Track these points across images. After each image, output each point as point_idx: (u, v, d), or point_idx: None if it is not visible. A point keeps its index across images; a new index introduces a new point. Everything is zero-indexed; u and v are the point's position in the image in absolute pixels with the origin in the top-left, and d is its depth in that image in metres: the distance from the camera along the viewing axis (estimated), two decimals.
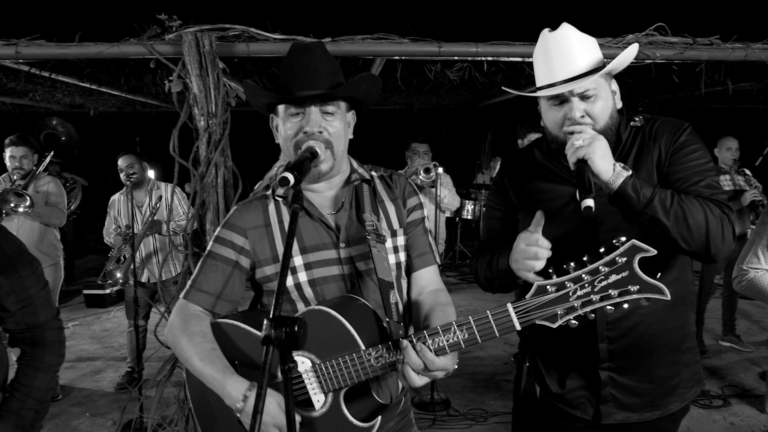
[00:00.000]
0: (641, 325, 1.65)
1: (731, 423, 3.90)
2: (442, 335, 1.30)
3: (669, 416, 1.74)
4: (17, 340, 1.77)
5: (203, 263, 1.60)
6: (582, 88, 1.56)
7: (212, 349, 1.48)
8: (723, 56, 3.48)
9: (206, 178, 3.10)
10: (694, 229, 1.48)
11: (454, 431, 3.77)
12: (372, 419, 1.40)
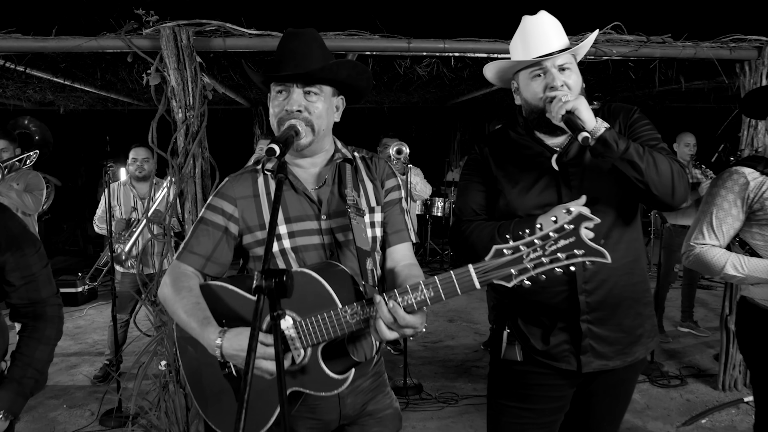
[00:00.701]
0: (612, 278, 1.82)
1: (687, 399, 4.13)
2: (411, 293, 1.42)
3: (632, 366, 1.93)
4: (20, 314, 1.86)
5: (195, 228, 1.71)
6: (561, 60, 1.77)
7: (196, 303, 1.59)
8: (674, 53, 3.71)
9: (184, 169, 3.19)
10: (663, 174, 1.69)
11: (426, 413, 3.91)
12: (345, 373, 1.53)
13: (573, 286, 1.81)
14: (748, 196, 2.24)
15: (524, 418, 1.94)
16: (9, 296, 1.82)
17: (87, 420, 3.88)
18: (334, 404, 1.70)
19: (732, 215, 2.27)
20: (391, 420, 1.78)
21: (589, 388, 1.95)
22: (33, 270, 1.82)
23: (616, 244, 1.84)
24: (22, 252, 1.80)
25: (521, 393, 1.94)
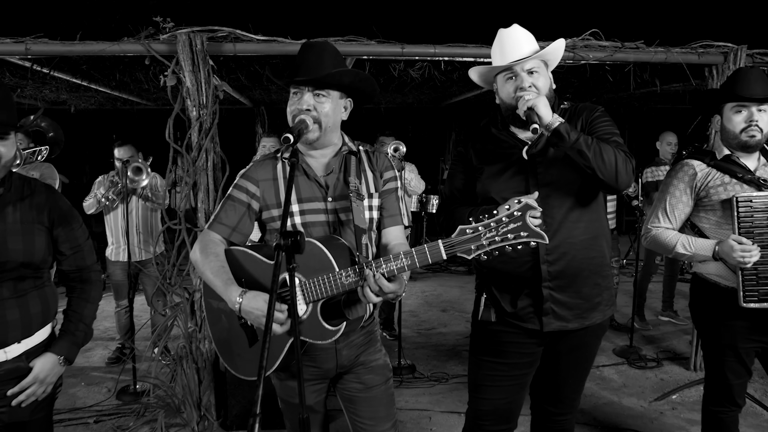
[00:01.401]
0: (571, 251, 2.13)
1: (661, 379, 4.45)
2: (393, 261, 1.74)
3: (592, 331, 2.25)
4: (69, 279, 2.17)
5: (224, 203, 2.03)
6: (529, 65, 2.10)
7: (221, 266, 1.91)
8: (647, 58, 4.03)
9: (198, 162, 3.50)
10: (607, 162, 1.99)
11: (419, 389, 4.23)
12: (338, 326, 1.85)
13: (536, 258, 2.12)
14: (696, 185, 2.56)
15: (498, 371, 2.26)
16: (61, 264, 2.13)
17: (104, 396, 4.19)
18: (332, 355, 2.01)
19: (683, 202, 2.59)
20: (381, 369, 2.10)
21: (556, 348, 2.27)
22: (79, 241, 2.14)
23: (575, 223, 2.15)
24: (71, 226, 2.11)
25: (496, 349, 2.25)
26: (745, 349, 2.54)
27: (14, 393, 1.97)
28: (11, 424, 2.00)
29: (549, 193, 2.12)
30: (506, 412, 2.30)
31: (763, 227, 2.40)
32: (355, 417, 2.08)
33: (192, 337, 3.61)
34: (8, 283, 1.96)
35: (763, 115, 2.46)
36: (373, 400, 2.07)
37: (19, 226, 1.98)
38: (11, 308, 1.96)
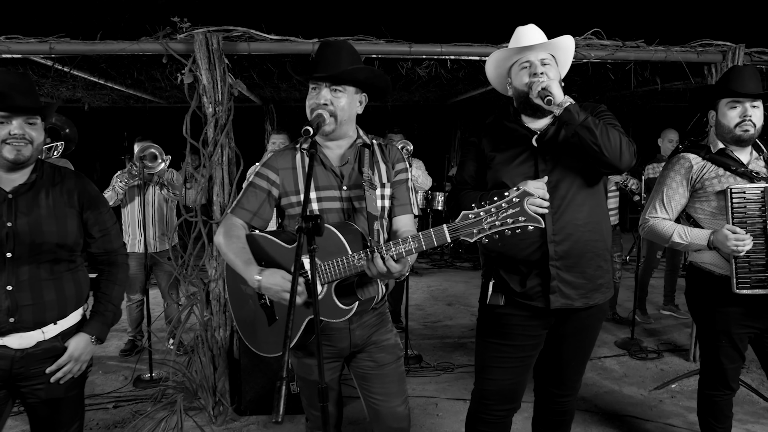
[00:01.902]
0: (576, 233, 2.27)
1: (661, 369, 4.57)
2: (401, 245, 1.86)
3: (594, 314, 2.39)
4: (97, 262, 2.31)
5: (246, 190, 2.17)
6: (542, 55, 2.27)
7: (242, 248, 2.06)
8: (647, 57, 4.15)
9: (213, 157, 3.64)
10: (612, 141, 2.13)
11: (425, 378, 4.36)
12: (351, 305, 1.98)
13: (544, 239, 2.25)
14: (692, 177, 2.69)
15: (504, 353, 2.38)
16: (90, 246, 2.26)
17: (121, 383, 4.34)
18: (346, 334, 2.15)
19: (679, 193, 2.72)
20: (392, 348, 2.23)
21: (560, 330, 2.40)
22: (107, 225, 2.28)
23: (580, 206, 2.29)
24: (99, 210, 2.25)
25: (502, 332, 2.38)
26: (739, 335, 2.66)
27: (52, 371, 2.11)
28: (48, 400, 2.14)
29: (556, 178, 2.26)
30: (511, 392, 2.42)
31: (755, 217, 2.52)
32: (368, 393, 2.22)
33: (207, 325, 3.75)
34: (45, 265, 2.10)
35: (756, 110, 2.58)
36: (385, 377, 2.20)
37: (52, 210, 2.12)
38: (48, 289, 2.10)
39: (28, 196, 2.10)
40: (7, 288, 2.03)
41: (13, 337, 2.06)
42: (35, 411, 2.17)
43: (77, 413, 2.27)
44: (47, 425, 2.18)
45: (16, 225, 2.05)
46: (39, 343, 2.10)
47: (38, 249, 2.07)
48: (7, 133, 2.01)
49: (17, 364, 2.07)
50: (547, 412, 2.60)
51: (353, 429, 3.53)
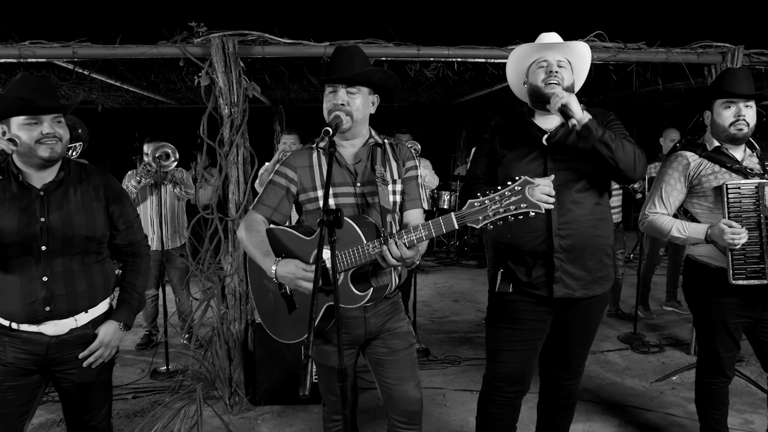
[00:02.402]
0: (580, 229, 2.41)
1: (662, 362, 4.69)
2: (413, 232, 2.00)
3: (595, 302, 2.53)
4: (121, 253, 2.45)
5: (266, 187, 2.31)
6: (559, 56, 2.42)
7: (262, 241, 2.20)
8: (648, 58, 4.27)
9: (229, 156, 3.78)
10: (627, 154, 2.28)
11: (433, 371, 4.50)
12: (365, 292, 2.11)
13: (550, 232, 2.40)
14: (689, 174, 2.81)
15: (513, 337, 2.53)
16: (115, 238, 2.40)
17: (138, 375, 4.49)
18: (361, 322, 2.29)
19: (677, 189, 2.84)
20: (405, 335, 2.36)
21: (564, 317, 2.54)
22: (130, 218, 2.42)
23: (585, 204, 2.43)
24: (123, 204, 2.39)
25: (511, 317, 2.53)
26: (734, 324, 2.78)
27: (84, 356, 2.26)
28: (80, 383, 2.28)
29: (564, 177, 2.40)
30: (520, 375, 2.57)
31: (749, 212, 2.64)
32: (383, 378, 2.35)
33: (223, 318, 3.89)
34: (77, 257, 2.24)
35: (750, 110, 2.71)
36: (398, 363, 2.33)
37: (81, 204, 2.26)
38: (80, 280, 2.24)
39: (58, 193, 2.24)
40: (43, 279, 2.17)
41: (49, 324, 2.20)
42: (69, 394, 2.31)
43: (107, 396, 2.41)
44: (80, 408, 2.32)
45: (49, 220, 2.18)
46: (72, 330, 2.24)
47: (70, 242, 2.21)
48: (39, 133, 2.14)
49: (52, 349, 2.21)
50: (552, 396, 2.73)
51: (366, 417, 3.67)
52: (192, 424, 3.42)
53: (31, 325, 2.17)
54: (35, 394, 2.27)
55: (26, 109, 2.12)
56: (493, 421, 2.65)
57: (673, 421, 3.65)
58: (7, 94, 2.14)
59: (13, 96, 2.11)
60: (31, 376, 2.23)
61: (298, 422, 3.67)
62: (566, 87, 2.40)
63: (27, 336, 2.18)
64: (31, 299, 2.15)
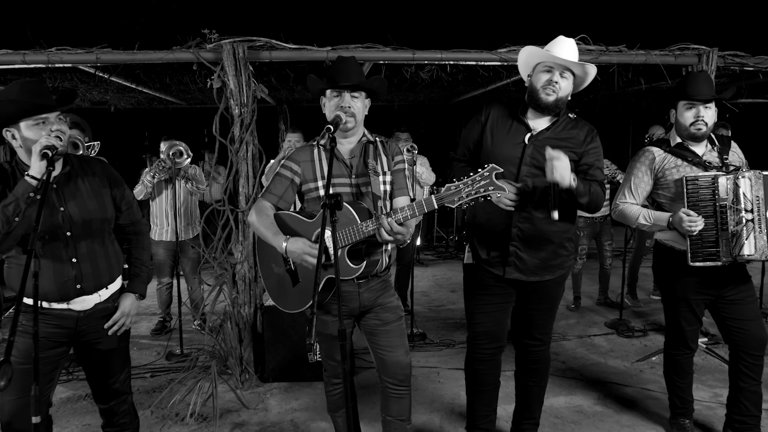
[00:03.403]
0: (537, 222, 2.74)
1: (645, 345, 5.00)
2: (400, 212, 2.33)
3: (553, 281, 2.87)
4: (126, 232, 2.74)
5: (274, 179, 2.66)
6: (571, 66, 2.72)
7: (271, 223, 2.56)
8: (629, 60, 4.57)
9: (239, 153, 4.10)
10: (594, 204, 2.70)
11: (429, 353, 4.83)
12: (359, 265, 2.45)
13: (510, 222, 2.73)
14: (655, 167, 3.12)
15: (484, 301, 2.90)
16: (119, 219, 2.67)
17: (155, 357, 4.82)
18: (356, 297, 2.62)
19: (644, 181, 3.15)
20: (394, 309, 2.70)
21: (524, 291, 2.88)
22: (130, 199, 2.72)
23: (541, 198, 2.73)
24: (123, 188, 2.68)
25: (481, 285, 2.90)
26: (695, 301, 3.10)
27: (109, 325, 2.56)
28: (105, 350, 2.58)
29: (533, 174, 2.71)
30: (495, 333, 2.94)
31: (706, 201, 2.95)
32: (376, 346, 2.68)
33: (234, 302, 4.22)
34: (97, 239, 2.53)
35: (709, 111, 3.01)
36: (389, 333, 2.66)
37: (91, 191, 2.53)
38: (101, 258, 2.54)
39: (69, 184, 2.50)
40: (72, 260, 2.45)
41: (77, 301, 2.48)
42: (94, 361, 2.60)
43: (126, 362, 2.72)
44: (104, 373, 2.62)
45: (67, 208, 2.45)
46: (96, 305, 2.54)
47: (89, 225, 2.49)
48: (48, 130, 2.32)
49: (81, 323, 2.50)
50: (524, 361, 3.07)
51: (365, 392, 3.99)
52: (207, 397, 3.75)
53: (62, 303, 2.45)
54: (58, 365, 2.54)
55: (36, 109, 2.33)
56: (480, 375, 3.03)
57: (648, 395, 3.96)
58: (15, 99, 2.32)
59: (21, 100, 2.32)
60: (58, 348, 2.50)
61: (303, 396, 4.00)
62: (561, 96, 2.71)
63: (58, 313, 2.45)
64: (64, 279, 2.43)
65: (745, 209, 2.86)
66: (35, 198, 2.23)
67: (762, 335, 3.06)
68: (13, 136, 2.36)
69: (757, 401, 3.13)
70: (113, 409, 2.67)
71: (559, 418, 3.65)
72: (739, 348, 3.08)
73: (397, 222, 2.32)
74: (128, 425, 2.72)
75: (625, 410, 3.75)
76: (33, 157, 2.22)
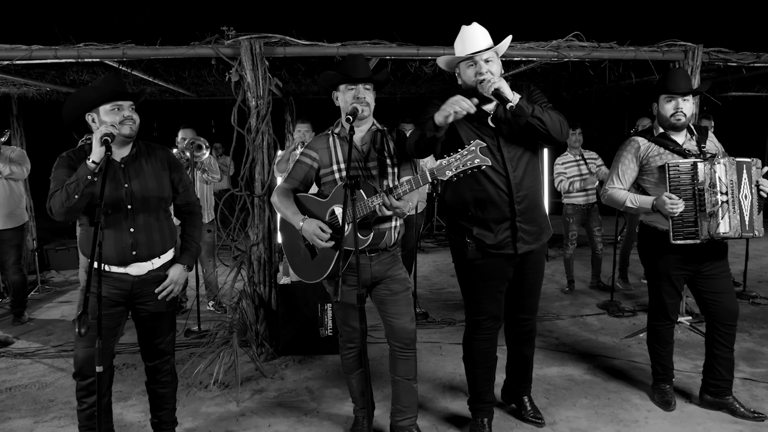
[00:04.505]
0: (529, 194, 3.00)
1: (634, 324, 5.33)
2: (399, 187, 2.65)
3: (542, 250, 3.18)
4: (182, 212, 3.09)
5: (295, 165, 3.02)
6: (486, 55, 2.87)
7: (291, 203, 2.92)
8: (619, 56, 4.88)
9: (255, 141, 4.40)
10: (555, 121, 2.81)
11: (431, 330, 5.16)
12: (368, 236, 2.80)
13: (512, 200, 2.97)
14: (640, 155, 3.44)
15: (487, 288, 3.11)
16: (176, 199, 3.03)
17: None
18: (368, 269, 2.94)
19: (630, 168, 3.47)
20: (402, 280, 3.03)
21: (521, 269, 3.14)
22: (187, 183, 3.06)
23: (530, 173, 3.00)
24: (181, 172, 3.02)
25: (483, 275, 3.09)
26: (676, 276, 3.42)
27: (159, 290, 2.89)
28: (155, 313, 2.92)
29: (514, 150, 2.94)
30: (497, 312, 3.17)
31: (686, 185, 3.26)
32: (385, 314, 3.01)
33: (251, 281, 4.53)
34: (154, 214, 2.87)
35: (687, 104, 3.32)
36: (397, 302, 2.99)
37: (152, 172, 2.88)
38: (155, 231, 2.87)
39: (134, 164, 2.85)
40: (130, 230, 2.79)
41: (133, 266, 2.83)
42: (144, 322, 2.94)
43: (172, 326, 3.05)
44: (153, 333, 2.96)
45: (130, 185, 2.80)
46: (149, 271, 2.87)
47: (147, 201, 2.84)
48: (122, 116, 2.71)
49: (135, 286, 2.84)
50: (517, 334, 3.37)
51: (372, 363, 4.31)
52: (228, 367, 4.07)
53: (120, 267, 2.80)
54: (120, 322, 2.90)
55: (114, 97, 2.70)
56: (485, 354, 3.26)
57: (634, 366, 4.30)
58: (97, 87, 2.73)
59: (103, 87, 2.71)
60: (117, 307, 2.85)
61: (315, 367, 4.33)
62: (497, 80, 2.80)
63: (117, 276, 2.80)
64: (123, 245, 2.78)
65: (720, 192, 3.17)
66: (93, 180, 2.56)
67: (734, 307, 3.39)
68: (93, 120, 2.73)
69: (730, 367, 3.46)
70: (157, 367, 3.00)
71: (552, 385, 3.98)
72: (714, 319, 3.41)
73: (396, 197, 2.64)
74: (169, 384, 3.07)
75: (613, 379, 4.09)
76: (94, 143, 2.55)
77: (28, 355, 4.72)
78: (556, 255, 8.75)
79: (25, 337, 5.21)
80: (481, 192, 2.94)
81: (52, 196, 2.67)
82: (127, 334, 4.85)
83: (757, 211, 3.23)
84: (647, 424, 3.42)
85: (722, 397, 3.49)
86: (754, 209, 3.21)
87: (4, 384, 4.13)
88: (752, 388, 3.89)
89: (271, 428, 3.44)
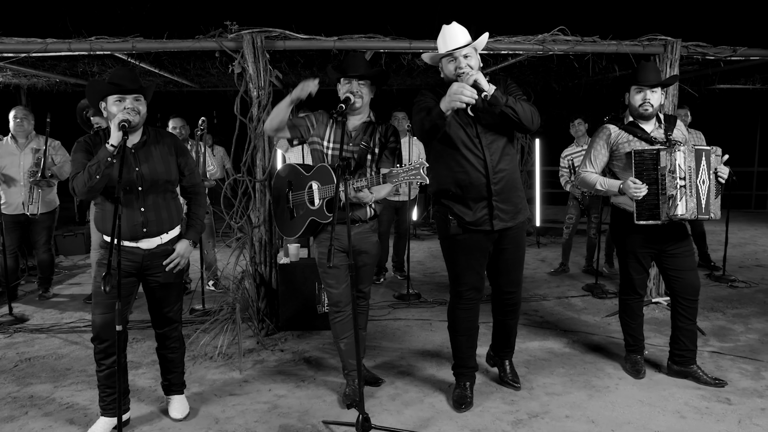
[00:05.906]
0: (506, 176, 3.28)
1: (615, 304, 5.55)
2: (357, 182, 3.04)
3: (519, 228, 3.44)
4: (187, 192, 3.37)
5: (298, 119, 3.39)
6: (465, 51, 3.14)
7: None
8: (601, 50, 5.15)
9: (257, 130, 4.69)
10: (526, 111, 3.09)
11: (423, 309, 5.46)
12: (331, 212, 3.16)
13: (489, 182, 3.26)
14: (610, 141, 3.72)
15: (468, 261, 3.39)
16: (182, 181, 3.31)
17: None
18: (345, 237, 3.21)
19: (602, 153, 3.75)
20: (374, 246, 3.49)
21: (500, 246, 3.43)
22: (192, 167, 3.34)
23: (506, 156, 3.30)
24: (187, 157, 3.31)
25: (464, 249, 3.39)
26: (642, 254, 3.71)
27: (167, 263, 3.19)
28: (163, 283, 3.21)
29: (490, 137, 3.24)
30: (478, 284, 3.47)
31: (650, 170, 3.54)
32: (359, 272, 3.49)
33: (253, 261, 4.83)
34: (161, 195, 3.16)
35: (654, 95, 3.60)
36: (364, 270, 3.52)
37: (161, 157, 3.16)
38: (164, 210, 3.16)
39: (144, 150, 3.13)
40: (141, 209, 3.08)
41: (143, 241, 3.12)
42: (154, 292, 3.23)
43: (179, 296, 3.36)
44: (162, 302, 3.26)
45: (141, 169, 3.09)
46: (158, 246, 3.16)
47: (156, 184, 3.12)
48: (125, 106, 2.99)
49: (146, 259, 3.14)
50: (503, 306, 3.66)
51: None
52: (232, 340, 4.38)
53: (132, 242, 3.09)
54: (132, 291, 3.19)
55: (115, 90, 2.99)
56: (467, 322, 3.57)
57: (611, 341, 4.60)
58: (107, 80, 3.04)
59: (110, 81, 3.01)
60: (130, 278, 3.14)
61: (314, 341, 4.64)
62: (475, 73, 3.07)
63: (129, 249, 3.09)
64: (134, 223, 3.07)
65: (679, 177, 3.45)
66: (112, 162, 2.85)
67: (696, 283, 3.68)
68: (104, 108, 3.04)
69: (693, 338, 3.76)
70: (166, 334, 3.31)
71: (532, 357, 4.29)
72: (678, 294, 3.71)
73: (354, 189, 3.04)
74: (177, 349, 3.38)
75: (590, 352, 4.39)
76: (112, 129, 2.85)
77: (43, 330, 5.02)
78: (547, 242, 9.07)
79: (39, 315, 5.52)
80: (462, 174, 3.23)
81: (74, 177, 2.96)
82: (136, 312, 5.18)
83: (714, 196, 3.51)
84: (617, 390, 3.73)
85: (687, 366, 3.79)
86: (711, 193, 3.50)
87: (24, 355, 4.45)
88: (718, 360, 4.19)
89: (272, 392, 3.75)
